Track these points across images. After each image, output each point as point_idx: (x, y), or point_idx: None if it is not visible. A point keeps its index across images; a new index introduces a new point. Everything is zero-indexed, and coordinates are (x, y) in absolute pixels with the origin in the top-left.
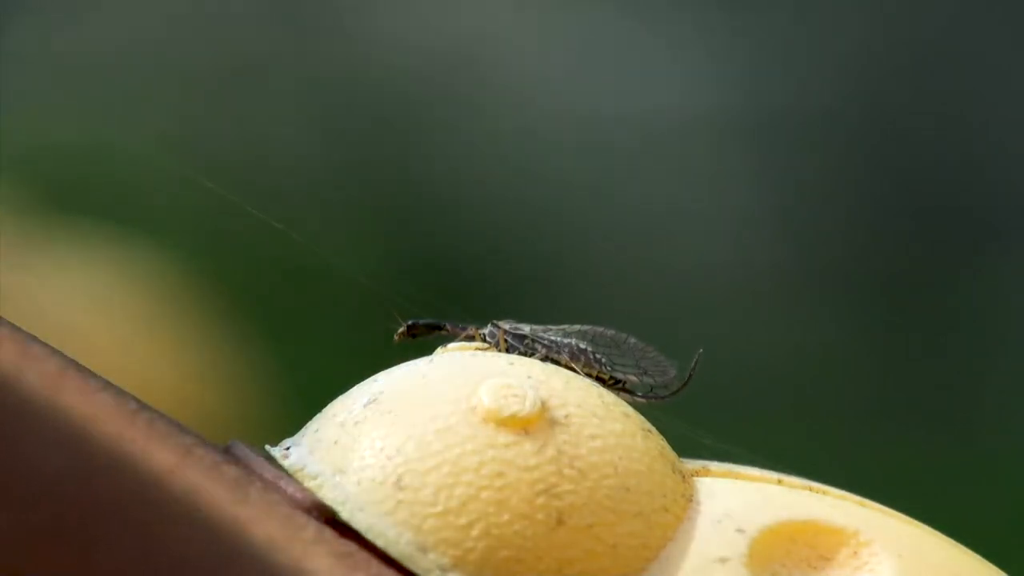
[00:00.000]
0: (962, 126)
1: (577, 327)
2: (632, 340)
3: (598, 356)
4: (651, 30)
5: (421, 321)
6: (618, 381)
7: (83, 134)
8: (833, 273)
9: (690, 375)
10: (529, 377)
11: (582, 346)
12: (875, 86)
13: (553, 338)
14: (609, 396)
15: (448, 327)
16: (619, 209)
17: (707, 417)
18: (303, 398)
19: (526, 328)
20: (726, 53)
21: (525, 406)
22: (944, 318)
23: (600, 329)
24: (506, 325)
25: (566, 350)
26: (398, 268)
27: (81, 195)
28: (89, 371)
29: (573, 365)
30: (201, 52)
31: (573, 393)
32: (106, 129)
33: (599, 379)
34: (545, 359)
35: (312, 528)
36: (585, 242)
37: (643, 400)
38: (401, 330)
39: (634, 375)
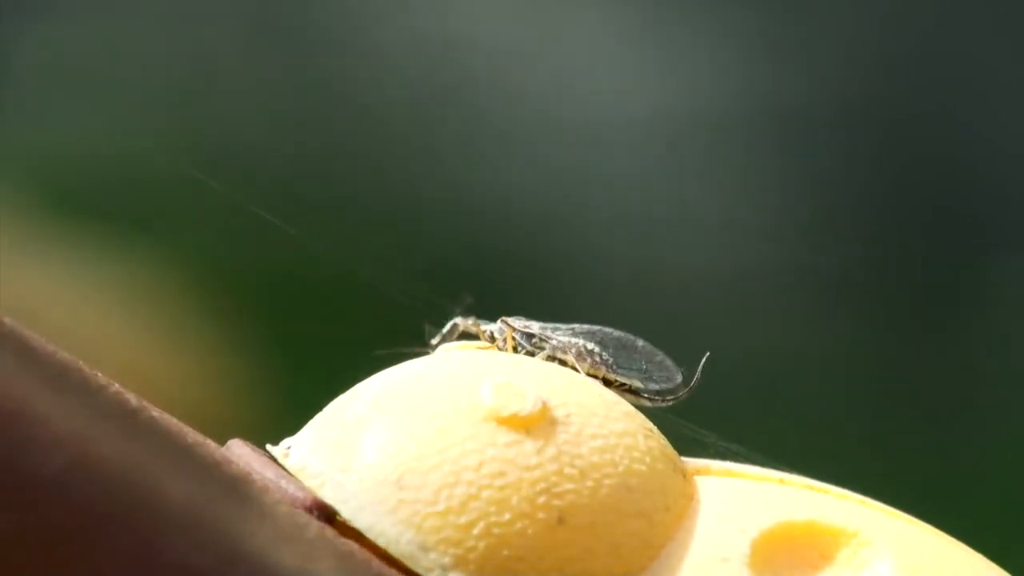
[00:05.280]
0: (971, 127)
1: (586, 327)
2: (640, 343)
3: (604, 357)
4: (661, 30)
5: (444, 330)
6: (623, 384)
7: (83, 135)
8: (835, 274)
9: (695, 380)
10: (530, 376)
11: (589, 347)
12: (883, 88)
13: (561, 338)
14: (610, 395)
15: (459, 321)
16: (628, 209)
17: (709, 416)
18: (303, 398)
19: (535, 327)
20: (736, 53)
21: (526, 405)
22: (947, 319)
23: (608, 330)
24: (516, 323)
25: (573, 350)
26: (400, 268)
27: (81, 195)
28: (89, 371)
29: (578, 365)
30: (204, 53)
31: (574, 392)
32: (107, 130)
33: (604, 381)
34: (552, 359)
35: (313, 527)
36: (593, 242)
37: (647, 403)
38: (437, 340)
39: (639, 380)
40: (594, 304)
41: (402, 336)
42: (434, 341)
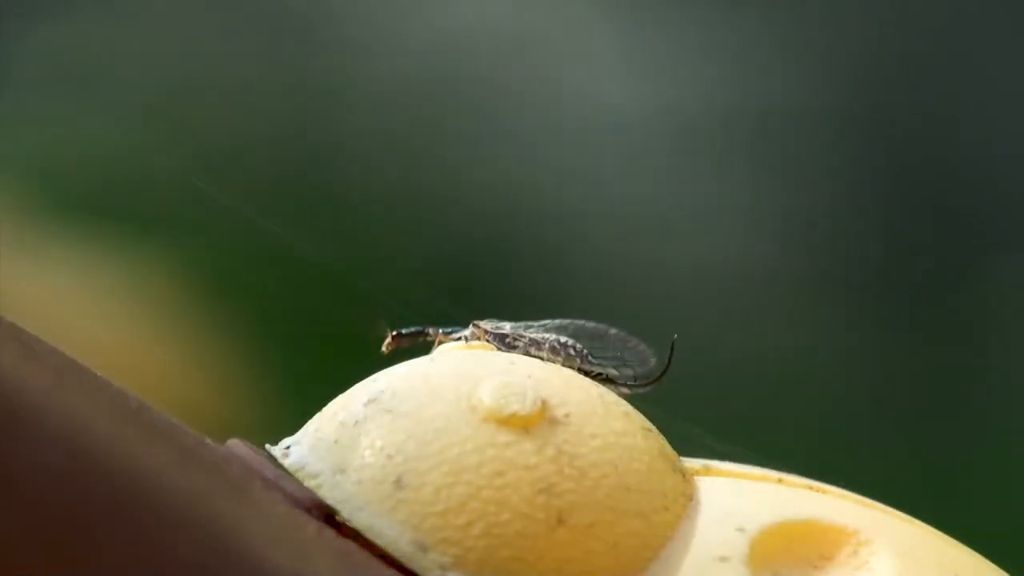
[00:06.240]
0: (970, 127)
1: (557, 321)
2: (612, 331)
3: (578, 349)
4: (657, 27)
5: (404, 330)
6: (598, 373)
7: (84, 135)
8: (836, 274)
9: (668, 363)
10: (529, 376)
11: (562, 340)
12: (884, 86)
13: (533, 334)
14: (609, 395)
15: (431, 331)
16: (625, 209)
17: (708, 417)
18: (303, 398)
19: (507, 326)
20: (733, 51)
21: (525, 405)
22: (948, 319)
23: (580, 322)
24: (487, 325)
25: (546, 345)
26: (398, 268)
27: (81, 195)
28: (89, 370)
29: (554, 359)
30: (201, 53)
31: (573, 392)
32: (107, 130)
33: (580, 372)
34: (525, 355)
35: (312, 527)
36: (589, 242)
37: (626, 390)
38: (388, 341)
39: (614, 367)
40: (589, 304)
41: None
42: (387, 342)
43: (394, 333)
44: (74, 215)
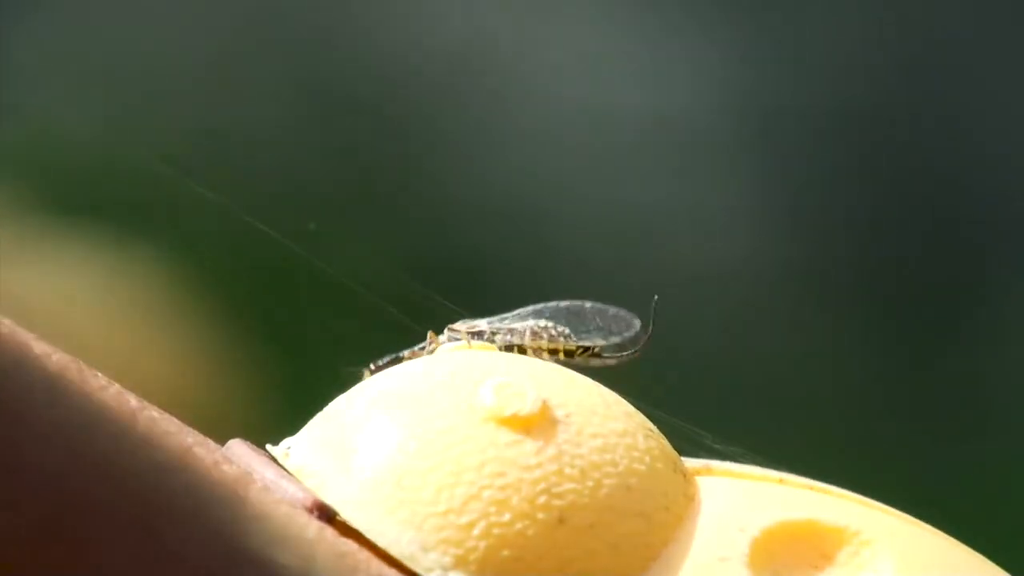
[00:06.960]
0: (975, 128)
1: (530, 308)
2: (589, 304)
3: (560, 329)
4: (656, 27)
5: (381, 362)
6: (586, 348)
7: (83, 134)
8: (837, 274)
9: (652, 324)
10: (530, 376)
11: (541, 324)
12: (885, 86)
13: (511, 325)
14: (610, 395)
15: (407, 354)
16: (623, 208)
17: (708, 417)
18: (303, 398)
19: (482, 323)
20: (731, 52)
21: (526, 405)
22: (949, 319)
23: (553, 303)
24: (462, 326)
25: (527, 332)
26: (397, 267)
27: (81, 194)
28: (89, 370)
29: (536, 345)
30: (199, 53)
31: (574, 392)
32: (107, 130)
33: (567, 352)
34: (509, 348)
35: (313, 527)
36: (588, 243)
37: (614, 362)
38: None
39: (600, 338)
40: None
41: (401, 337)
42: (374, 366)
43: (371, 367)
44: (73, 214)
